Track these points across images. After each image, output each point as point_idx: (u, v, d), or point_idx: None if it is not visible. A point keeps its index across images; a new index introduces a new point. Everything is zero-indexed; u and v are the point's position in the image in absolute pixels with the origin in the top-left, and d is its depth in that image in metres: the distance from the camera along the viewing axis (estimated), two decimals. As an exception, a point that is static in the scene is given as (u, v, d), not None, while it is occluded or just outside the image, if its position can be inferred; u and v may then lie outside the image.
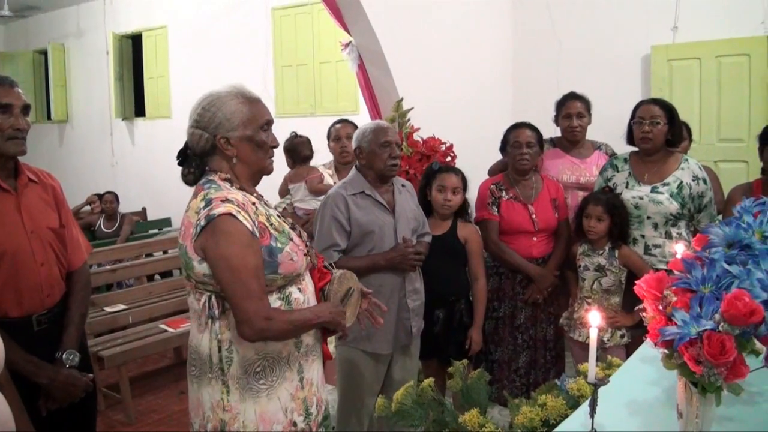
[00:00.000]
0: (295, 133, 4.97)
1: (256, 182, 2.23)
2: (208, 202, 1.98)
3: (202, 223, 1.96)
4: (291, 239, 2.12)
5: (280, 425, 2.08)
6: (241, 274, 1.94)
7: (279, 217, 2.22)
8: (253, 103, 2.13)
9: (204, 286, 2.05)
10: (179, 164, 2.19)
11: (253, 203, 2.09)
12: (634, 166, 3.64)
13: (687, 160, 3.57)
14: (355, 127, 4.36)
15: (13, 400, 1.86)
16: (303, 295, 2.14)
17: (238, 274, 1.94)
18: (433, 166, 3.69)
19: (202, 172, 2.16)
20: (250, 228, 1.97)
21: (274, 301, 2.06)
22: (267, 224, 2.07)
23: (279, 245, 2.05)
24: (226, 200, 1.97)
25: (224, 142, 2.09)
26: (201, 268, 2.00)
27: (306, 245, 2.21)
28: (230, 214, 1.95)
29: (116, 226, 7.31)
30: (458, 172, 3.61)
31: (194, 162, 2.16)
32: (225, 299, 2.00)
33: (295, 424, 2.11)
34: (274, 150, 2.20)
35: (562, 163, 4.05)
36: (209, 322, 2.05)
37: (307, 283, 2.20)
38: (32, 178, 2.50)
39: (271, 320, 1.97)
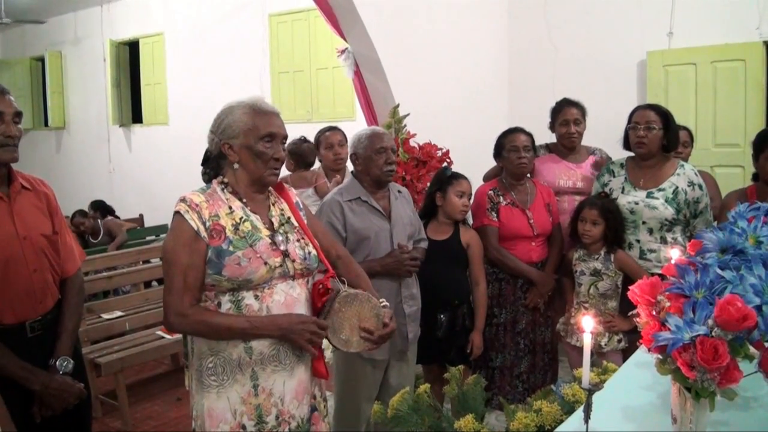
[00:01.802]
0: (304, 137, 4.93)
1: (259, 190, 2.27)
2: (178, 201, 2.16)
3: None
4: (251, 245, 2.13)
5: (228, 425, 2.13)
6: (170, 269, 2.10)
7: (271, 223, 2.23)
8: (259, 114, 2.19)
9: None
10: (201, 164, 2.34)
11: (230, 207, 2.18)
12: (630, 172, 3.65)
13: (683, 165, 3.57)
14: (343, 133, 4.38)
15: (1, 413, 1.86)
16: (259, 302, 2.14)
17: (168, 268, 2.12)
18: (445, 171, 3.70)
19: (216, 173, 2.29)
20: (195, 228, 2.10)
21: (226, 302, 2.14)
22: (228, 228, 2.14)
23: (231, 249, 2.11)
24: (183, 200, 2.15)
25: (227, 148, 2.19)
26: None
27: (284, 254, 2.18)
28: (179, 213, 2.13)
29: (101, 236, 7.31)
30: (467, 178, 3.66)
31: (212, 164, 2.30)
32: None
33: (244, 427, 2.13)
34: (278, 162, 2.23)
35: (558, 168, 4.05)
36: None
37: (275, 291, 2.17)
38: (25, 185, 2.50)
39: (184, 317, 2.08)
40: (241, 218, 2.17)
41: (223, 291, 2.13)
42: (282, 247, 2.20)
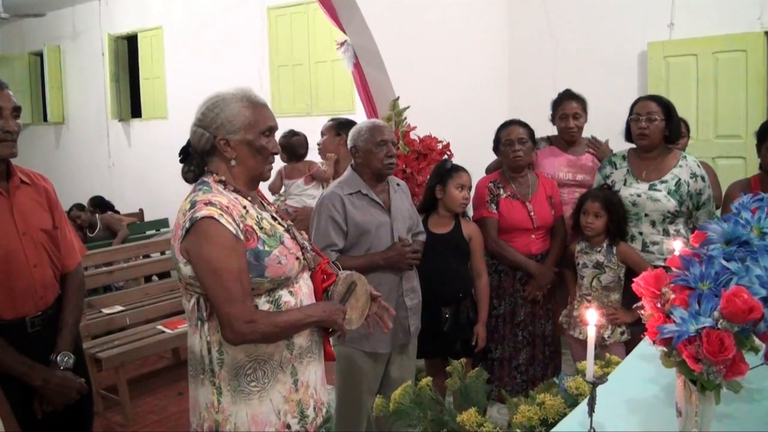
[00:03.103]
0: (293, 130, 5.02)
1: (254, 187, 2.22)
2: (193, 205, 1.99)
3: (187, 225, 1.96)
4: (282, 242, 2.09)
5: (273, 427, 2.07)
6: (223, 278, 1.93)
7: (274, 219, 2.21)
8: (257, 107, 2.12)
9: (192, 288, 2.04)
10: (180, 161, 2.19)
11: (244, 206, 2.08)
12: (633, 163, 3.64)
13: (685, 157, 3.56)
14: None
15: (2, 406, 1.85)
16: (295, 298, 2.12)
17: (219, 278, 1.94)
18: (446, 164, 3.68)
19: (201, 170, 2.15)
20: (234, 231, 1.96)
21: (263, 304, 2.05)
22: (255, 227, 2.05)
23: (267, 248, 2.03)
24: (210, 203, 1.97)
25: (224, 144, 2.08)
26: (186, 270, 2.00)
27: (301, 247, 2.19)
28: (212, 218, 1.94)
29: (98, 230, 7.32)
30: (467, 171, 3.64)
31: (195, 160, 2.16)
32: None
33: (288, 426, 2.09)
34: (275, 156, 2.19)
35: (558, 161, 4.04)
36: (199, 324, 2.06)
37: (302, 285, 2.17)
38: (24, 180, 2.49)
39: (254, 323, 1.95)
40: (258, 216, 2.11)
41: (259, 293, 2.04)
42: (300, 240, 2.20)
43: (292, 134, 5.11)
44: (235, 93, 2.12)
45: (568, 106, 3.99)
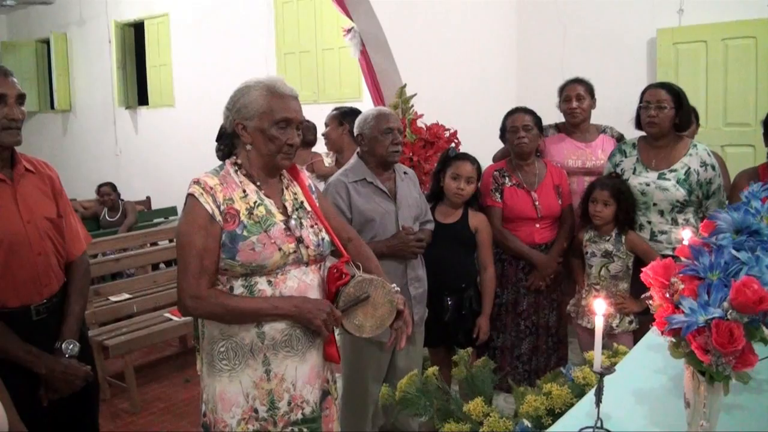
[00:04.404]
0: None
1: (270, 173, 2.24)
2: (191, 183, 2.12)
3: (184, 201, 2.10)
4: (266, 231, 2.11)
5: (240, 408, 2.13)
6: (185, 252, 2.07)
7: (285, 208, 2.21)
8: (276, 97, 2.15)
9: None
10: (216, 140, 2.30)
11: (245, 190, 2.15)
12: (642, 152, 3.61)
13: (696, 145, 3.53)
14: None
15: (3, 398, 1.85)
16: (273, 288, 2.12)
17: (182, 251, 2.08)
18: (449, 152, 3.66)
19: (230, 151, 2.26)
20: (210, 211, 2.07)
21: (238, 287, 2.11)
22: (242, 212, 2.11)
23: (245, 233, 2.08)
24: (197, 182, 2.11)
25: (241, 129, 2.16)
26: None
27: (297, 240, 2.16)
28: (193, 195, 2.09)
29: (119, 214, 7.36)
30: (474, 161, 3.57)
31: (225, 141, 2.27)
32: None
33: (256, 411, 2.13)
34: (291, 147, 2.18)
35: (566, 147, 4.02)
36: None
37: (287, 278, 2.15)
38: (29, 168, 2.48)
39: (199, 299, 2.05)
40: (255, 202, 2.14)
41: (235, 276, 2.11)
42: (297, 233, 2.18)
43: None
44: (261, 80, 2.19)
45: (571, 89, 4.01)
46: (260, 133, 2.13)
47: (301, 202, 2.28)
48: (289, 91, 2.19)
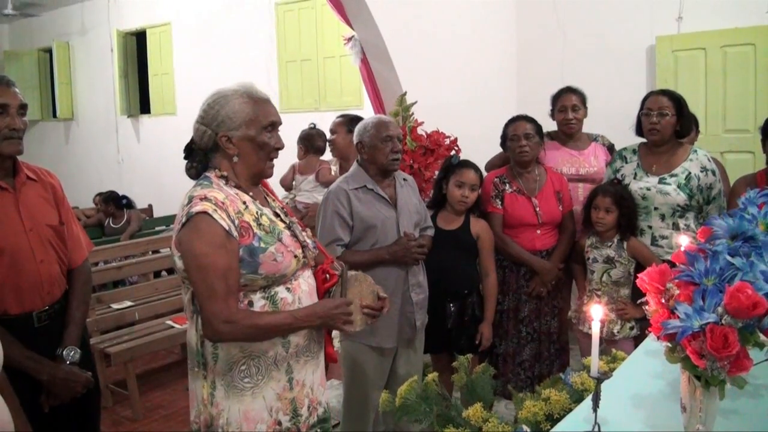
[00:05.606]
0: (314, 124, 5.14)
1: (256, 183, 2.21)
2: (190, 200, 2.00)
3: (183, 219, 1.98)
4: (280, 239, 2.09)
5: (264, 424, 2.07)
6: (208, 274, 1.93)
7: (277, 215, 2.20)
8: (258, 103, 2.11)
9: (187, 282, 2.05)
10: (185, 158, 2.20)
11: (244, 202, 2.08)
12: (643, 158, 3.63)
13: (696, 151, 3.55)
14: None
15: (11, 402, 1.86)
16: (292, 295, 2.11)
17: (204, 274, 1.94)
18: (452, 159, 3.67)
19: (204, 166, 2.16)
20: (226, 227, 1.95)
21: (258, 300, 2.05)
22: (253, 224, 2.05)
23: (262, 245, 2.03)
24: (205, 198, 1.97)
25: (226, 141, 2.08)
26: (180, 264, 2.01)
27: (302, 245, 2.19)
28: (206, 213, 1.94)
29: (123, 221, 7.36)
30: (477, 169, 3.59)
31: (198, 157, 2.17)
32: None
33: (279, 423, 2.09)
34: (278, 152, 2.17)
35: (560, 155, 4.03)
36: (194, 317, 2.07)
37: (301, 282, 2.16)
38: (31, 176, 2.50)
39: (233, 323, 1.94)
40: (257, 212, 2.10)
41: (254, 289, 2.04)
42: (302, 238, 2.20)
43: (312, 127, 5.21)
44: (236, 89, 2.12)
45: (566, 99, 4.01)
46: (248, 142, 2.08)
47: (282, 209, 2.29)
48: (265, 96, 2.16)
